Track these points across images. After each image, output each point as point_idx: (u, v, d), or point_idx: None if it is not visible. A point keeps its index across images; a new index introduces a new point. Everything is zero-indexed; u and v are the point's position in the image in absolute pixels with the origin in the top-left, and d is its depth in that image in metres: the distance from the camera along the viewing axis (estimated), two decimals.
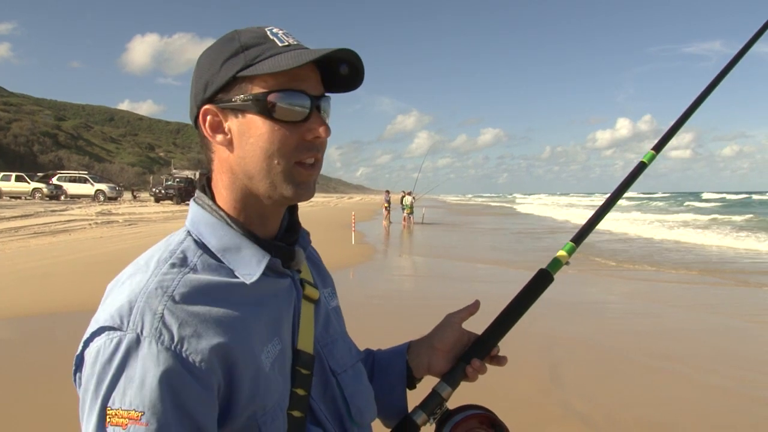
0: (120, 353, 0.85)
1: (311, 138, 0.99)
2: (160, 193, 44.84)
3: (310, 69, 1.00)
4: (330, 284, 1.27)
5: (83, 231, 19.07)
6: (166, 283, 0.91)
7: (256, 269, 0.98)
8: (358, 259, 14.61)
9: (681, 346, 6.94)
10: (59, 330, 7.08)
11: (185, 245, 0.99)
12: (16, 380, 5.30)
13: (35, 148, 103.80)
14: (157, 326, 0.86)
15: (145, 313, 0.87)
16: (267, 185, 1.00)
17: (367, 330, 1.34)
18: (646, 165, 1.50)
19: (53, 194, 41.39)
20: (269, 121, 0.97)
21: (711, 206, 55.28)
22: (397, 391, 1.31)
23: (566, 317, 8.02)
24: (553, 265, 1.33)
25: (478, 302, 1.33)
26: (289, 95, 0.97)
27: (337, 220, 28.86)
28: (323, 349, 1.12)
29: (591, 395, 5.21)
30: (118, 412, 0.83)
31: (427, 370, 1.31)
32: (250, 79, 0.97)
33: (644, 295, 10.57)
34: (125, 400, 0.83)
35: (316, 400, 1.07)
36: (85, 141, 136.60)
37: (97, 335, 0.88)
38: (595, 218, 1.43)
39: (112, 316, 0.88)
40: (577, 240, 1.38)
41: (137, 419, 0.82)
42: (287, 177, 0.99)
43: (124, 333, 0.86)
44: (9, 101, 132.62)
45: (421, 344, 1.32)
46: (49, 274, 10.59)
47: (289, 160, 0.98)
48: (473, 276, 12.95)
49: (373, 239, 21.60)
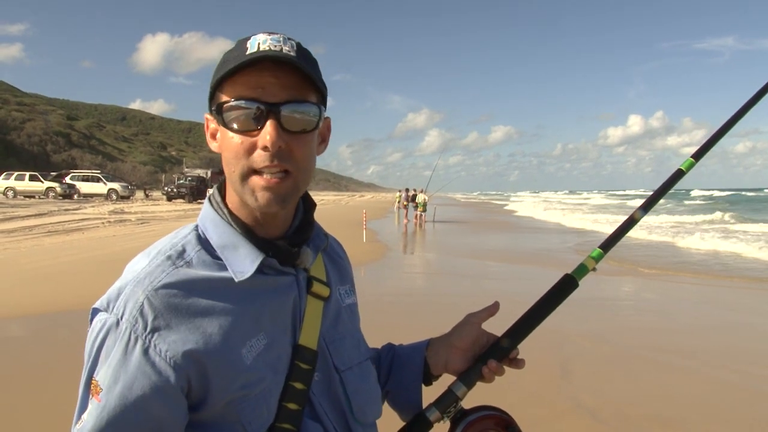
0: (101, 333, 0.95)
1: (261, 147, 0.99)
2: (172, 191, 44.95)
3: (270, 74, 0.99)
4: (349, 281, 1.30)
5: (96, 230, 19.23)
6: (155, 274, 0.98)
7: (249, 267, 1.02)
8: (370, 256, 14.62)
9: (691, 342, 6.92)
10: (73, 328, 7.15)
11: (188, 239, 1.05)
12: (30, 377, 5.36)
13: (48, 148, 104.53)
14: (134, 314, 0.94)
15: (128, 300, 0.96)
16: (234, 191, 1.05)
17: (380, 327, 1.36)
18: (684, 173, 1.45)
19: (66, 193, 41.63)
20: (227, 130, 1.01)
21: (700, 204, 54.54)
22: (413, 386, 1.32)
23: (577, 314, 8.04)
24: (579, 270, 1.32)
25: (498, 304, 1.33)
26: (239, 103, 0.99)
27: (348, 218, 28.88)
28: (329, 346, 1.15)
29: (601, 391, 5.21)
30: (94, 383, 0.95)
31: (444, 368, 1.31)
32: (221, 89, 1.01)
33: (654, 292, 10.54)
34: (99, 374, 0.94)
35: (317, 395, 1.10)
36: (98, 140, 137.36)
37: (94, 314, 0.99)
38: (626, 226, 1.39)
39: (103, 300, 0.99)
40: (606, 247, 1.35)
41: (98, 393, 0.94)
42: (244, 185, 1.01)
43: (108, 315, 0.96)
44: (22, 101, 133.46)
45: (440, 342, 1.34)
46: (62, 273, 10.70)
47: (242, 168, 1.00)
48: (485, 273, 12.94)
49: (385, 237, 21.57)
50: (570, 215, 37.70)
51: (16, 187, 41.36)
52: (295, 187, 1.03)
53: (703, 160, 1.46)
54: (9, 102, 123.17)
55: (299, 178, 1.03)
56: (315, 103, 1.03)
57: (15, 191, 40.99)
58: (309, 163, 1.05)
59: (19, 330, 7.22)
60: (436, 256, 17.16)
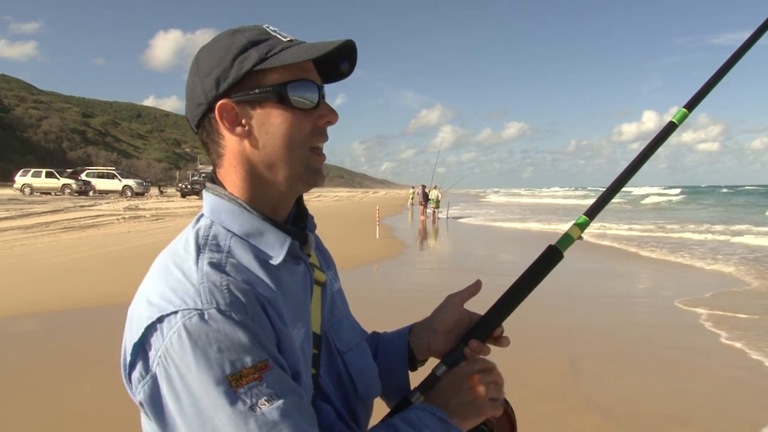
0: (210, 326, 0.87)
1: (323, 123, 1.05)
2: (186, 188, 45.24)
3: (310, 61, 1.05)
4: (333, 267, 1.30)
5: (111, 226, 19.41)
6: (215, 264, 0.95)
7: (279, 251, 1.02)
8: (383, 253, 14.65)
9: (700, 339, 6.88)
10: (93, 323, 7.24)
11: (214, 231, 1.02)
12: (45, 372, 5.44)
13: (65, 145, 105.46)
14: (229, 299, 0.90)
15: (213, 291, 0.90)
16: (287, 172, 1.04)
17: (391, 323, 1.36)
18: (676, 125, 1.37)
19: (82, 190, 41.96)
20: (287, 110, 1.01)
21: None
22: (398, 371, 1.33)
23: (586, 310, 8.05)
24: (563, 241, 1.26)
25: (480, 282, 1.30)
26: (302, 85, 1.02)
27: (362, 214, 28.91)
28: (330, 329, 1.17)
29: (610, 387, 5.21)
30: (243, 372, 0.87)
31: (428, 351, 1.31)
32: (264, 73, 1.01)
33: (665, 288, 10.48)
34: (246, 359, 0.87)
35: (324, 378, 1.11)
36: (113, 137, 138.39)
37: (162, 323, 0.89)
38: (611, 191, 1.31)
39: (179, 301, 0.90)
40: (591, 213, 1.28)
41: (266, 367, 0.89)
42: (305, 163, 1.04)
43: (201, 310, 0.88)
44: (39, 99, 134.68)
45: (422, 326, 1.33)
46: (77, 269, 10.82)
47: (304, 146, 1.03)
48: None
49: (399, 233, 21.59)
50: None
51: (32, 183, 41.77)
52: None
53: (719, 156, 1.39)
54: (26, 100, 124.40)
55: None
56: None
57: (32, 188, 41.38)
58: None
59: (34, 326, 7.33)
60: (449, 252, 17.16)
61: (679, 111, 1.38)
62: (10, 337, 6.74)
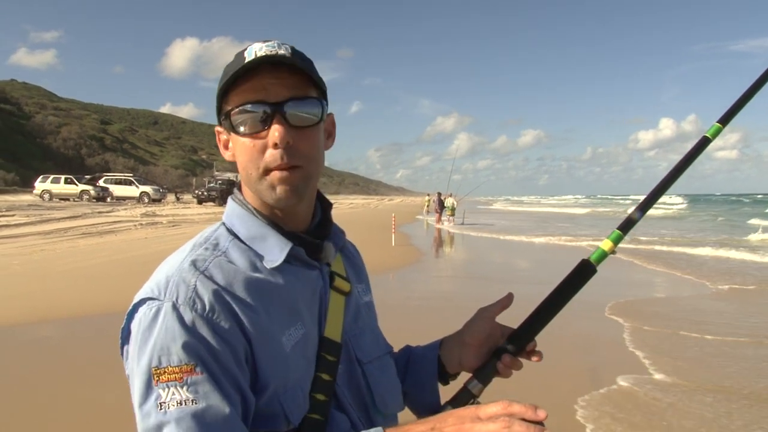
0: (159, 318, 0.94)
1: (271, 144, 1.03)
2: (203, 194, 45.55)
3: (270, 77, 1.04)
4: (365, 280, 1.32)
5: (128, 232, 19.55)
6: (198, 261, 1.01)
7: (278, 256, 1.06)
8: (399, 261, 14.62)
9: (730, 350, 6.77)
10: (113, 329, 7.26)
11: (219, 233, 1.09)
12: (65, 379, 5.45)
13: (83, 152, 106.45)
14: (190, 296, 0.95)
15: (179, 285, 0.97)
16: (254, 193, 1.09)
17: (407, 331, 1.34)
18: (709, 140, 1.33)
19: (100, 196, 42.39)
20: (237, 136, 1.06)
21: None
22: (428, 385, 1.32)
23: (605, 317, 7.99)
24: (597, 255, 1.24)
25: (512, 295, 1.28)
26: (246, 108, 1.03)
27: (377, 221, 28.91)
28: (351, 339, 1.17)
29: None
30: (167, 369, 0.92)
31: (459, 365, 1.29)
32: (225, 100, 1.07)
33: (687, 296, 10.35)
34: (172, 358, 0.92)
35: (341, 386, 1.12)
36: (131, 144, 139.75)
37: (139, 306, 0.98)
38: (644, 206, 1.28)
39: (151, 289, 0.98)
40: (625, 228, 1.26)
41: (191, 371, 0.91)
42: (262, 184, 1.05)
43: (162, 302, 0.96)
44: (58, 106, 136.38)
45: (453, 339, 1.32)
46: (95, 276, 10.89)
47: (258, 169, 1.05)
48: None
49: (415, 241, 21.59)
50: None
51: (51, 189, 42.25)
52: (308, 179, 1.07)
53: (738, 164, 1.37)
54: (46, 107, 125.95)
55: (310, 170, 1.08)
56: (316, 97, 1.08)
57: (51, 194, 41.87)
58: (317, 155, 1.10)
59: (53, 332, 7.37)
60: (464, 260, 17.09)
61: (712, 126, 1.35)
62: (30, 343, 6.77)
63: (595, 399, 4.97)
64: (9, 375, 5.60)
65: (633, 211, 1.28)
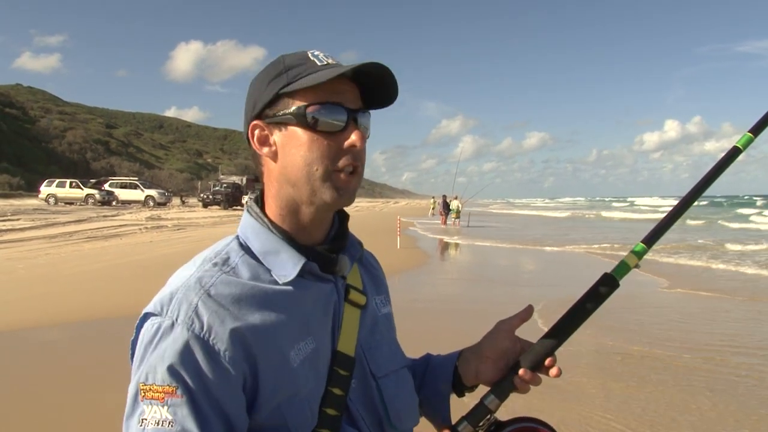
0: (157, 336, 0.96)
1: (347, 146, 1.07)
2: (208, 198, 45.70)
3: (347, 85, 1.09)
4: (384, 292, 1.33)
5: (134, 235, 19.55)
6: (205, 279, 1.01)
7: (291, 271, 1.07)
8: (405, 264, 14.58)
9: (752, 363, 6.70)
10: (119, 333, 7.24)
11: (231, 247, 1.09)
12: (70, 382, 5.43)
13: (88, 155, 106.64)
14: (190, 315, 0.96)
15: (181, 303, 0.98)
16: (308, 191, 1.07)
17: (413, 334, 1.32)
18: (740, 150, 1.29)
19: (105, 200, 42.51)
20: (309, 131, 1.06)
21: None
22: (441, 396, 1.31)
23: (627, 330, 7.90)
24: (620, 269, 1.21)
25: (531, 307, 1.26)
26: (327, 107, 1.06)
27: (383, 224, 28.91)
28: (366, 353, 1.17)
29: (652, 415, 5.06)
30: (152, 387, 0.94)
31: (475, 377, 1.27)
32: (292, 95, 1.07)
33: (707, 310, 10.28)
34: (157, 376, 0.94)
35: (354, 401, 1.11)
36: (136, 148, 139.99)
37: (144, 320, 1.01)
38: (671, 217, 1.24)
39: (155, 304, 1.00)
40: (649, 241, 1.23)
41: (173, 393, 0.93)
42: (326, 182, 1.06)
43: (162, 319, 0.97)
44: (64, 110, 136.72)
45: (471, 351, 1.30)
46: (102, 279, 10.89)
47: (327, 167, 1.06)
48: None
49: (420, 243, 21.59)
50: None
51: (57, 193, 42.42)
52: (360, 184, 1.11)
53: (743, 166, 1.32)
54: (51, 111, 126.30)
55: (362, 176, 1.12)
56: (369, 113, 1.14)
57: (56, 198, 42.03)
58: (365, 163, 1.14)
59: (59, 335, 7.33)
60: (470, 263, 17.06)
61: (743, 135, 1.31)
62: (36, 347, 6.75)
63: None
64: (16, 378, 5.58)
65: (658, 224, 1.25)
